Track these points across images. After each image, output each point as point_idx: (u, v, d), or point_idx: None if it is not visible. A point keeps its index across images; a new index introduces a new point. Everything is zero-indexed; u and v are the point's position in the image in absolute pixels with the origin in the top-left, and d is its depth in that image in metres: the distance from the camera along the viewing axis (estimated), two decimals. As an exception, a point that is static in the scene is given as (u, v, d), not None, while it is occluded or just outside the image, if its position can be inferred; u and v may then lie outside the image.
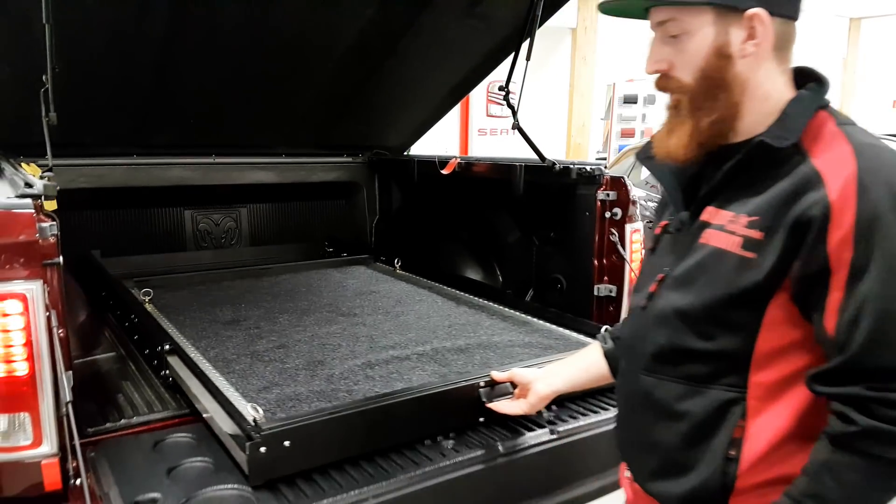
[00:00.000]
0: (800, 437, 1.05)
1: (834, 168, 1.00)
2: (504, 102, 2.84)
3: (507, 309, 2.61)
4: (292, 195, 3.72)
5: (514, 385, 1.67)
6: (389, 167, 3.74)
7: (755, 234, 1.04)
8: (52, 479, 1.54)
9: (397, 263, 3.28)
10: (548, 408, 1.75)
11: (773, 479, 1.06)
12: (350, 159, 3.71)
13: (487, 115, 7.96)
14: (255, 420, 1.43)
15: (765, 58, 1.08)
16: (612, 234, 2.43)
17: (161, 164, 3.18)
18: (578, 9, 8.21)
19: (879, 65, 14.07)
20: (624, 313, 2.50)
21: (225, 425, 1.53)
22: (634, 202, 2.46)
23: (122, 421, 1.73)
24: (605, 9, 1.23)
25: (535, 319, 2.48)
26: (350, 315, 2.56)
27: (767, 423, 1.06)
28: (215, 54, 2.68)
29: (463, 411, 1.71)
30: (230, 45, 2.65)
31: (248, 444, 1.39)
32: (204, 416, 1.66)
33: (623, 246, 2.42)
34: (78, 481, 1.50)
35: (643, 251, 1.72)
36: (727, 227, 1.08)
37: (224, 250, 3.56)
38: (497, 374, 1.71)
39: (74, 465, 1.52)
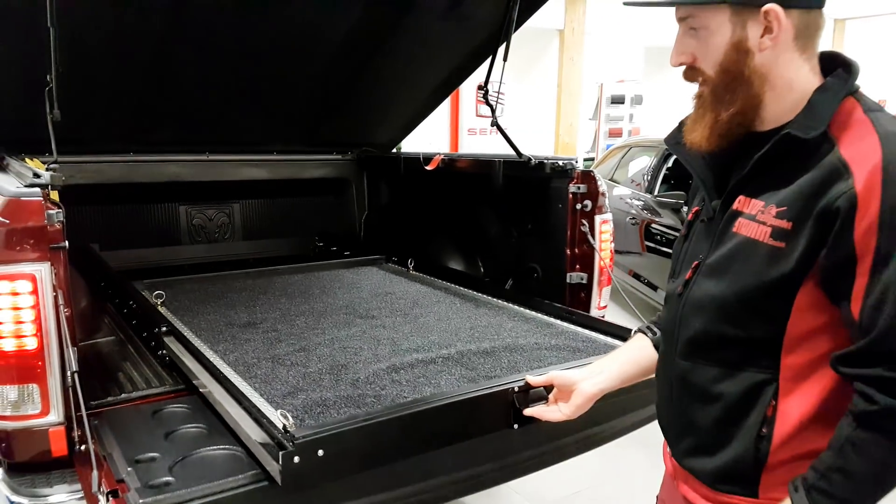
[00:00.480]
0: (827, 415, 1.09)
1: (860, 158, 1.02)
2: (485, 101, 2.98)
3: (528, 310, 2.56)
4: (283, 191, 3.84)
5: (548, 389, 1.54)
6: (377, 164, 3.86)
7: (784, 224, 1.06)
8: (58, 446, 1.68)
9: (410, 264, 3.26)
10: None
11: (803, 454, 1.11)
12: (339, 156, 3.83)
13: (477, 115, 8.08)
14: (285, 428, 1.35)
15: (785, 49, 1.09)
16: (583, 224, 2.57)
17: (157, 161, 3.29)
18: (566, 10, 8.36)
19: (865, 64, 14.26)
20: (594, 299, 2.64)
21: (254, 433, 1.45)
22: (604, 194, 2.60)
23: (123, 395, 1.86)
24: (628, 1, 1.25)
25: (557, 321, 2.42)
26: (368, 317, 2.50)
27: (798, 402, 1.11)
28: (209, 56, 2.80)
29: (497, 417, 1.63)
30: (224, 46, 2.77)
31: (281, 454, 1.30)
32: (230, 423, 1.59)
33: (593, 236, 2.57)
34: (83, 447, 1.63)
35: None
36: (758, 217, 1.11)
37: (218, 244, 3.69)
38: (533, 379, 1.56)
39: (79, 433, 1.66)
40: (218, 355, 1.98)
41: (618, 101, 10.25)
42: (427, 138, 8.77)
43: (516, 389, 1.61)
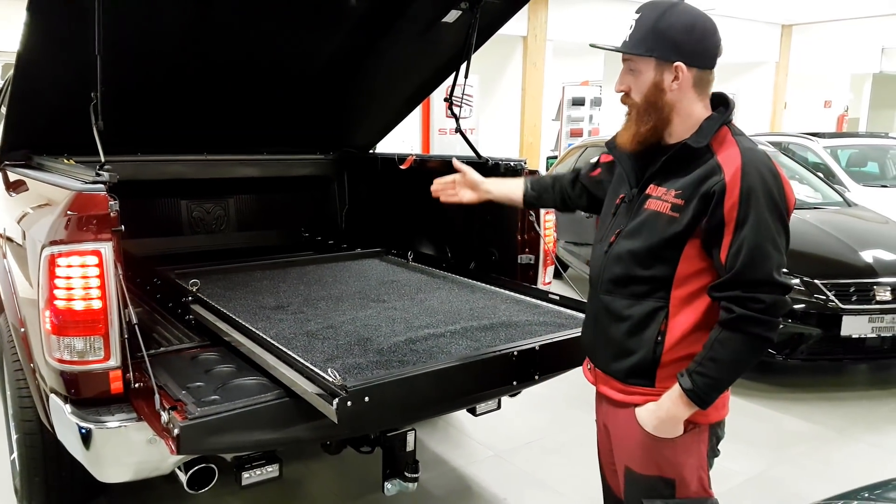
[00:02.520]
0: (698, 331, 1.63)
1: (728, 162, 1.57)
2: (450, 111, 3.48)
3: (517, 294, 2.93)
4: (273, 187, 4.27)
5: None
6: (357, 163, 4.30)
7: (679, 202, 1.61)
8: (116, 385, 2.11)
9: (410, 256, 3.61)
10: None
11: (683, 356, 1.63)
12: (322, 156, 4.27)
13: (447, 117, 8.55)
14: (336, 380, 1.71)
15: (686, 92, 1.64)
16: (531, 215, 3.09)
17: (161, 160, 3.72)
18: (528, 18, 8.90)
19: (811, 68, 15.04)
20: (540, 276, 3.16)
21: (309, 387, 1.80)
22: (548, 189, 3.12)
23: (162, 349, 2.33)
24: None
25: (544, 303, 2.82)
26: (380, 301, 2.83)
27: (680, 322, 1.64)
28: (212, 70, 3.24)
29: (497, 375, 2.10)
30: (222, 62, 3.21)
31: (336, 400, 1.67)
32: (284, 381, 1.92)
33: (538, 224, 3.09)
34: (137, 385, 2.09)
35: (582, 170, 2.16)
36: (662, 198, 1.65)
37: (215, 235, 4.13)
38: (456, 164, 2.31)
39: (134, 374, 2.10)
40: (260, 331, 2.25)
41: (578, 102, 10.82)
42: (402, 137, 9.27)
43: (516, 354, 2.08)
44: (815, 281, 4.35)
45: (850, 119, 16.01)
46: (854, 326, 4.28)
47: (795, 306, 4.34)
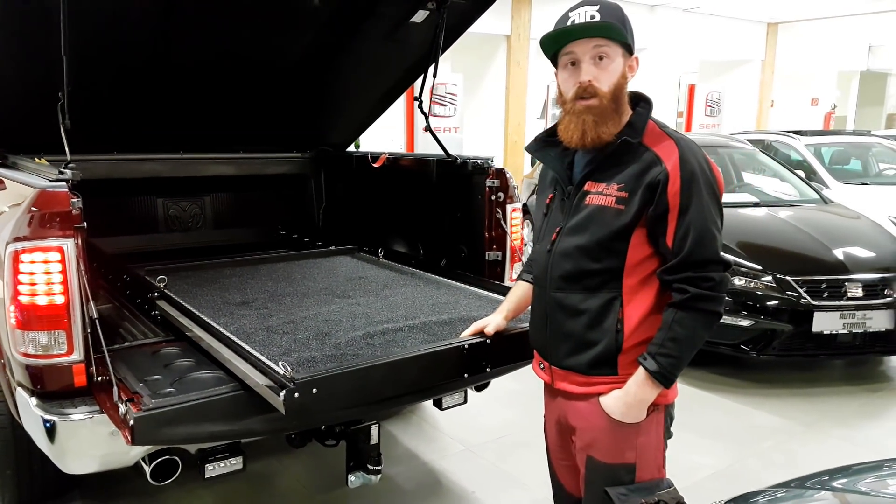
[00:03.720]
0: (653, 314, 1.69)
1: (666, 153, 1.65)
2: (419, 110, 3.53)
3: (481, 290, 2.98)
4: (249, 186, 4.32)
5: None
6: (333, 161, 4.34)
7: (623, 194, 1.66)
8: (80, 378, 2.15)
9: (380, 253, 3.66)
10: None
11: (641, 341, 1.69)
12: (299, 155, 4.32)
13: (431, 115, 8.60)
14: (286, 373, 1.76)
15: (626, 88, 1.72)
16: (498, 212, 3.14)
17: (137, 159, 3.75)
18: (512, 17, 8.96)
19: (797, 66, 15.13)
20: (507, 272, 3.22)
21: (260, 380, 1.86)
22: (514, 186, 3.18)
23: (126, 343, 2.38)
24: (546, 37, 1.72)
25: (504, 298, 2.85)
26: (345, 297, 2.87)
27: (635, 309, 1.69)
28: (185, 70, 3.29)
29: (448, 368, 2.14)
30: (198, 61, 3.26)
31: (283, 392, 1.72)
32: (238, 374, 1.98)
33: (505, 221, 3.14)
34: (99, 378, 2.14)
35: (532, 218, 2.20)
36: (604, 192, 1.69)
37: (191, 233, 4.17)
38: (473, 330, 2.20)
39: (96, 368, 2.15)
40: (221, 326, 2.32)
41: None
42: (389, 134, 9.31)
43: (466, 347, 2.11)
44: (787, 278, 4.42)
45: (838, 117, 16.13)
46: (825, 323, 4.35)
47: (768, 303, 4.40)
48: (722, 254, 1.68)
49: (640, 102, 1.77)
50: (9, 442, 2.56)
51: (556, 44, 1.74)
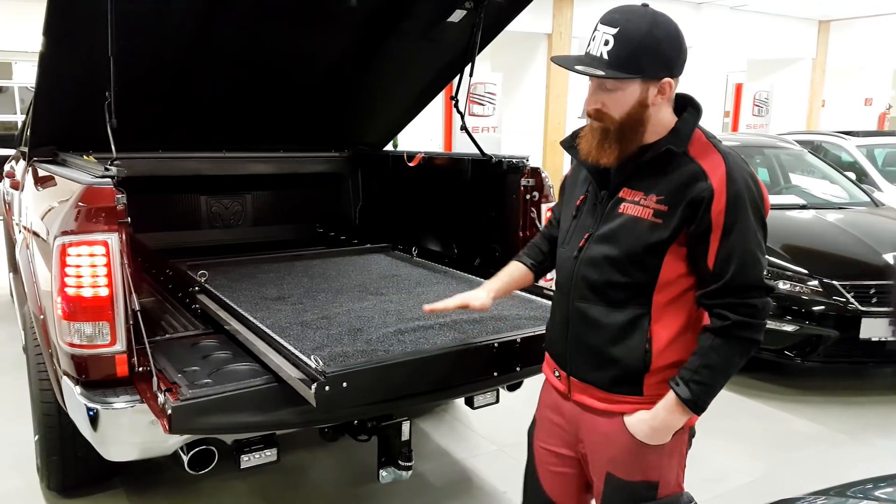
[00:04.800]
0: (684, 335, 1.61)
1: (712, 167, 1.54)
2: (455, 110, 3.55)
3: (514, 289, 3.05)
4: (288, 184, 4.39)
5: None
6: (369, 160, 4.39)
7: (662, 208, 1.55)
8: (122, 369, 2.22)
9: (414, 251, 3.68)
10: None
11: (670, 364, 1.61)
12: (336, 154, 4.38)
13: (469, 115, 8.63)
14: (318, 366, 1.80)
15: (666, 102, 1.59)
16: (532, 212, 3.13)
17: (181, 157, 3.86)
18: (553, 16, 8.91)
19: (850, 64, 14.67)
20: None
21: (293, 372, 1.91)
22: (550, 186, 3.16)
23: (167, 335, 2.45)
24: (558, 62, 1.63)
25: (537, 298, 2.84)
26: (378, 294, 2.92)
27: (665, 327, 1.61)
28: (227, 71, 3.38)
29: (477, 366, 2.14)
30: (239, 62, 3.34)
31: (314, 384, 1.77)
32: (272, 367, 2.04)
33: (540, 221, 3.11)
34: (141, 368, 2.21)
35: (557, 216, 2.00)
36: (641, 203, 1.58)
37: (232, 229, 4.28)
38: (430, 306, 2.06)
39: (138, 359, 2.23)
40: (257, 320, 2.36)
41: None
42: (428, 133, 9.34)
43: (496, 346, 2.08)
44: (834, 282, 4.30)
45: (893, 118, 15.59)
46: (873, 329, 4.22)
47: (813, 308, 4.29)
48: (765, 279, 1.58)
49: (688, 107, 1.66)
50: (55, 428, 2.66)
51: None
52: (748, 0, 11.86)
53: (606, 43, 1.54)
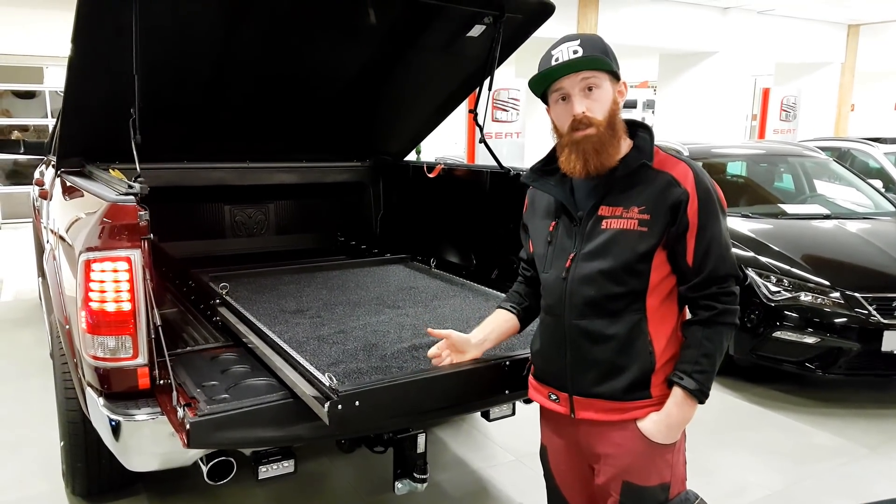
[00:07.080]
0: (677, 330, 1.76)
1: (682, 175, 1.70)
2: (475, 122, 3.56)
3: None
4: (310, 193, 4.45)
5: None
6: (390, 170, 4.42)
7: (645, 216, 1.68)
8: (144, 381, 2.26)
9: (432, 263, 3.70)
10: None
11: (671, 357, 1.74)
12: (358, 164, 4.41)
13: (493, 121, 8.62)
14: (331, 384, 1.82)
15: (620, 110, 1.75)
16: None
17: (205, 168, 3.92)
18: (578, 22, 8.88)
19: (881, 68, 14.40)
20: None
21: (307, 390, 1.93)
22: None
23: (188, 348, 2.51)
24: (534, 79, 1.74)
25: None
26: (395, 307, 2.93)
27: (661, 327, 1.73)
28: (251, 83, 3.43)
29: (489, 383, 2.15)
30: (262, 75, 3.39)
31: (327, 403, 1.78)
32: (288, 383, 2.06)
33: (557, 234, 3.13)
34: (162, 381, 2.26)
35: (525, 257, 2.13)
36: (624, 216, 1.69)
37: (255, 238, 4.34)
38: (432, 331, 2.13)
39: (159, 371, 2.28)
40: (276, 335, 2.38)
41: (630, 105, 10.72)
42: (452, 138, 9.33)
43: (507, 364, 2.11)
44: (856, 294, 4.24)
45: (924, 122, 15.24)
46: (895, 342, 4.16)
47: (835, 320, 4.24)
48: (736, 267, 1.76)
49: (639, 129, 1.80)
50: (80, 437, 2.73)
51: (544, 82, 1.75)
52: (776, 4, 11.70)
53: (575, 52, 1.70)
